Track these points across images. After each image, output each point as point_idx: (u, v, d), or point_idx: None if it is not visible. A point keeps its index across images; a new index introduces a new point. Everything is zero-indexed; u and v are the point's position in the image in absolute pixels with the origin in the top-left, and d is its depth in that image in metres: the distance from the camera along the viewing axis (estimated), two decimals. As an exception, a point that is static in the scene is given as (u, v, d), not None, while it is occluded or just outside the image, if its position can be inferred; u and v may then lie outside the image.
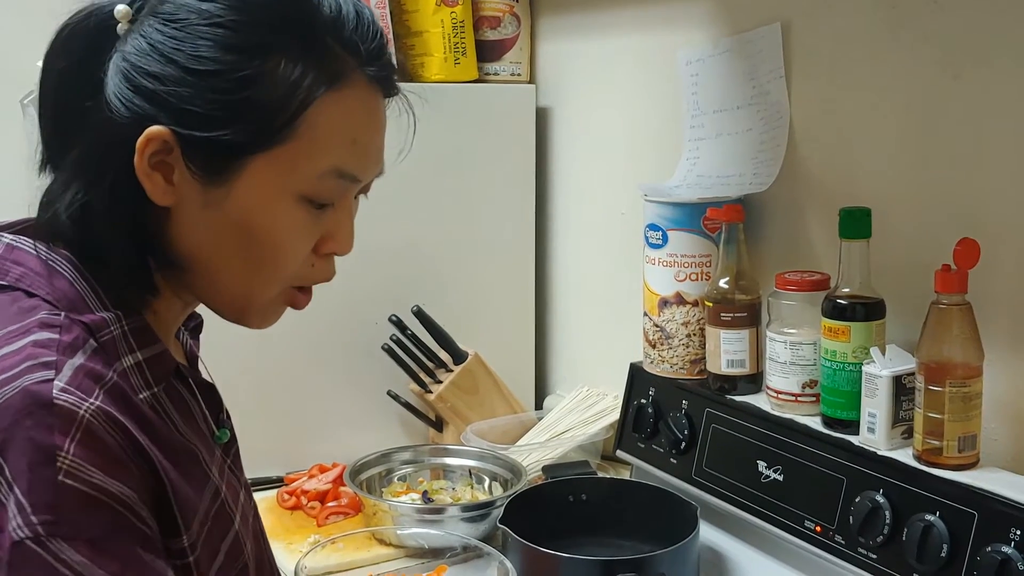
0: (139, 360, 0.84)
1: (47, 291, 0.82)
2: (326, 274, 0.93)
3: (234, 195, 0.84)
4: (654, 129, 1.69)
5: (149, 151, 0.82)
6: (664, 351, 1.50)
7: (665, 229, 1.47)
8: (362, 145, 0.89)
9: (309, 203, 0.87)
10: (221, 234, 0.86)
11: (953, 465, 1.13)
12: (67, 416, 0.74)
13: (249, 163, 0.83)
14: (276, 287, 0.90)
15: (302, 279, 0.91)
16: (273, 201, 0.85)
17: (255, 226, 0.85)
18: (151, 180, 0.83)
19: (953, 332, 1.13)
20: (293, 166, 0.84)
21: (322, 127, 0.84)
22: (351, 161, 0.88)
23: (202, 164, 0.83)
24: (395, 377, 1.79)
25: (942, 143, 1.24)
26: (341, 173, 0.87)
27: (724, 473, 1.38)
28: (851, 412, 1.23)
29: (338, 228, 0.90)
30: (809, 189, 1.42)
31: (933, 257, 1.15)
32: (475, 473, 1.67)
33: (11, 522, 0.71)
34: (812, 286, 1.31)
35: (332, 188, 0.87)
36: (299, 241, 0.88)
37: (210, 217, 0.85)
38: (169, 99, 0.81)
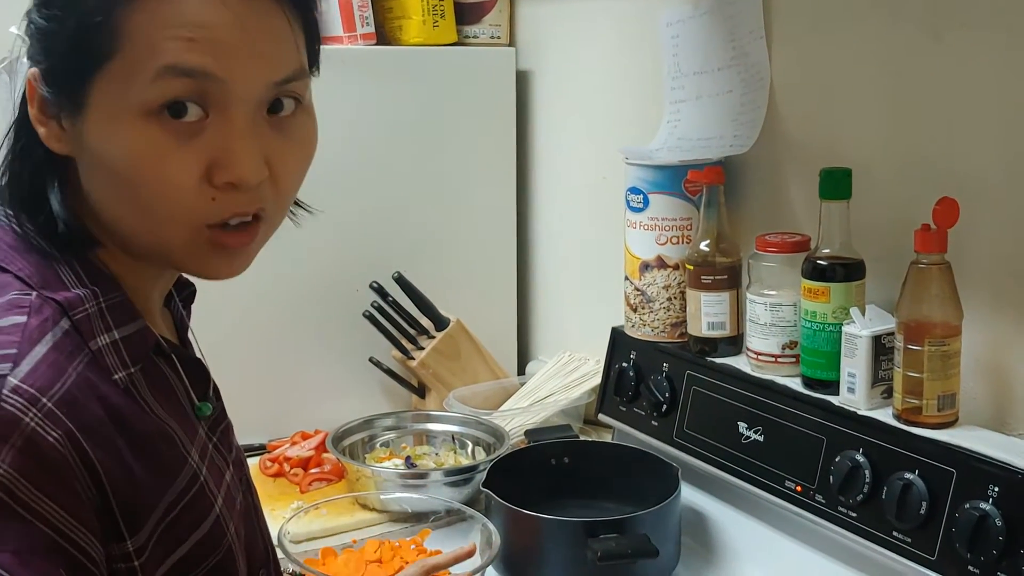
0: (115, 339, 0.80)
1: (19, 266, 0.78)
2: (235, 206, 0.79)
3: (89, 127, 0.77)
4: (635, 92, 1.68)
5: (35, 96, 0.79)
6: (645, 315, 1.50)
7: (646, 192, 1.46)
8: (205, 38, 0.76)
9: (164, 120, 0.76)
10: (94, 173, 0.80)
11: (932, 424, 1.14)
12: (10, 421, 0.69)
13: (92, 87, 0.76)
14: (180, 228, 0.79)
15: (209, 216, 0.79)
16: (118, 123, 0.76)
17: (110, 156, 0.77)
18: (44, 126, 0.79)
19: (932, 291, 1.13)
20: (127, 77, 0.75)
21: (146, 28, 0.75)
22: (191, 56, 0.75)
23: (57, 98, 0.78)
24: (377, 344, 1.79)
25: (922, 103, 1.24)
26: (180, 70, 0.75)
27: (705, 435, 1.39)
28: (831, 372, 1.24)
29: (225, 150, 0.77)
30: (789, 150, 1.41)
31: (913, 217, 1.15)
32: (458, 438, 1.67)
33: None
34: (792, 247, 1.31)
35: (178, 91, 0.75)
36: (169, 167, 0.76)
37: (88, 157, 0.79)
38: (29, 36, 0.79)
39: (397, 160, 1.82)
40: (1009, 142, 1.15)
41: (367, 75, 1.76)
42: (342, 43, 1.75)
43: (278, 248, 1.90)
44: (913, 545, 1.11)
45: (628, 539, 1.22)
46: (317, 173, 1.94)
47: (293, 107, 0.82)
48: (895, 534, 1.13)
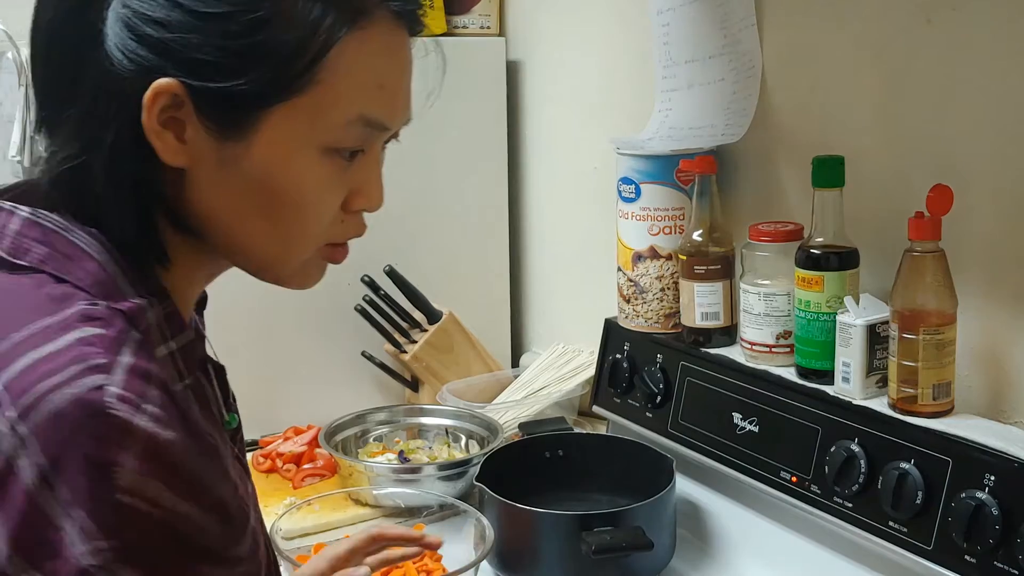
0: (173, 349, 0.78)
1: (78, 276, 0.75)
2: (358, 230, 0.86)
3: (253, 151, 0.77)
4: (626, 81, 1.67)
5: (158, 106, 0.75)
6: (638, 306, 1.49)
7: (638, 182, 1.45)
8: (390, 90, 0.81)
9: (335, 155, 0.80)
10: (242, 194, 0.79)
11: (928, 413, 1.13)
12: (123, 427, 0.67)
13: (268, 115, 0.76)
14: (308, 248, 0.83)
15: (333, 236, 0.84)
16: (295, 155, 0.78)
17: (277, 184, 0.79)
18: (161, 139, 0.76)
19: (927, 280, 1.12)
20: (316, 116, 0.77)
21: (345, 72, 0.77)
22: (378, 108, 0.80)
23: (216, 118, 0.76)
24: (369, 338, 1.78)
25: (915, 89, 1.23)
26: (368, 121, 0.80)
27: (700, 426, 1.38)
28: (825, 362, 1.23)
29: (367, 182, 0.83)
30: (782, 139, 1.40)
31: (906, 205, 1.14)
32: (451, 432, 1.66)
33: (73, 548, 0.65)
34: (785, 237, 1.30)
35: (358, 137, 0.81)
36: (327, 198, 0.81)
37: (228, 176, 0.78)
38: (176, 47, 0.74)
39: (387, 152, 1.80)
40: (1002, 128, 1.14)
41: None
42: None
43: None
44: (909, 535, 1.10)
45: (623, 532, 1.22)
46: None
47: None
48: (891, 524, 1.12)
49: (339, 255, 0.87)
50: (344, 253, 0.87)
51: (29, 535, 0.66)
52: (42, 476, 0.66)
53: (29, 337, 0.71)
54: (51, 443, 0.66)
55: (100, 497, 0.65)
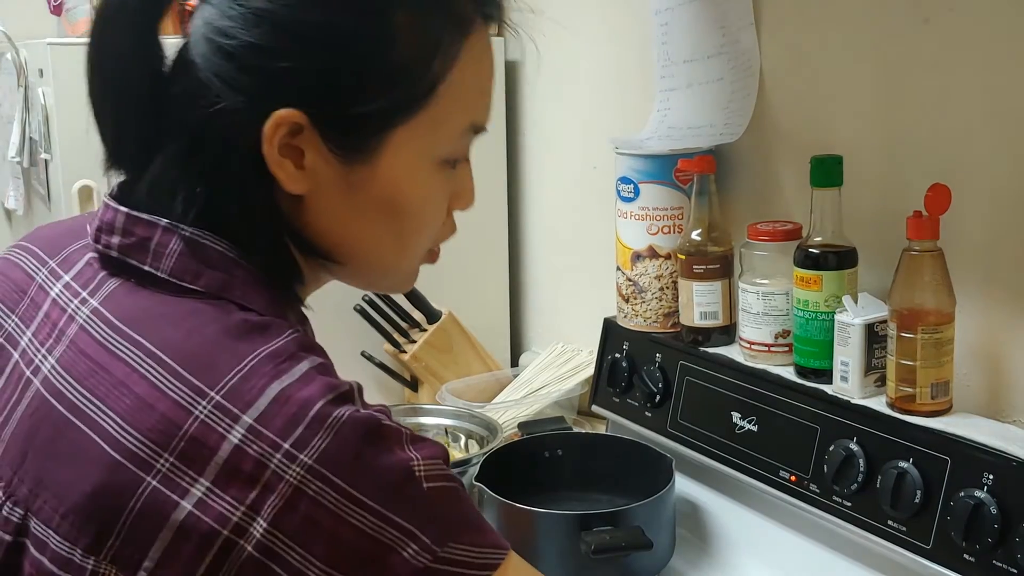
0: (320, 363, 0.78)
1: (260, 305, 0.74)
2: (454, 230, 0.88)
3: (379, 172, 0.76)
4: (624, 81, 1.67)
5: (279, 136, 0.73)
6: (637, 305, 1.49)
7: (637, 182, 1.46)
8: (488, 93, 0.83)
9: (448, 165, 0.81)
10: (368, 214, 0.78)
11: (926, 412, 1.13)
12: (396, 432, 0.70)
13: (392, 135, 0.76)
14: (422, 252, 0.86)
15: (439, 239, 0.87)
16: (419, 171, 0.78)
17: (404, 201, 0.79)
18: (283, 168, 0.74)
19: (925, 279, 1.12)
20: (435, 130, 0.77)
21: (459, 82, 0.77)
22: (482, 113, 0.82)
23: (340, 143, 0.75)
24: (369, 337, 1.78)
25: (912, 89, 1.23)
26: (476, 128, 0.81)
27: (699, 425, 1.38)
28: (824, 361, 1.23)
29: (465, 184, 0.85)
30: (780, 138, 1.40)
31: (904, 204, 1.14)
32: (451, 432, 1.66)
33: (404, 552, 0.66)
34: (784, 236, 1.31)
35: (469, 144, 0.82)
36: (441, 206, 0.83)
37: (354, 198, 0.77)
38: (294, 76, 0.72)
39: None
40: (1000, 127, 1.14)
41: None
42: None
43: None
44: (908, 534, 1.10)
45: (622, 531, 1.22)
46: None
47: None
48: (890, 523, 1.12)
49: (435, 256, 0.89)
50: (438, 254, 0.89)
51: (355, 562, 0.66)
52: (350, 499, 0.66)
53: (257, 367, 0.68)
54: (345, 468, 0.66)
55: (411, 496, 0.68)
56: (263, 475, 0.65)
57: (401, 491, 0.67)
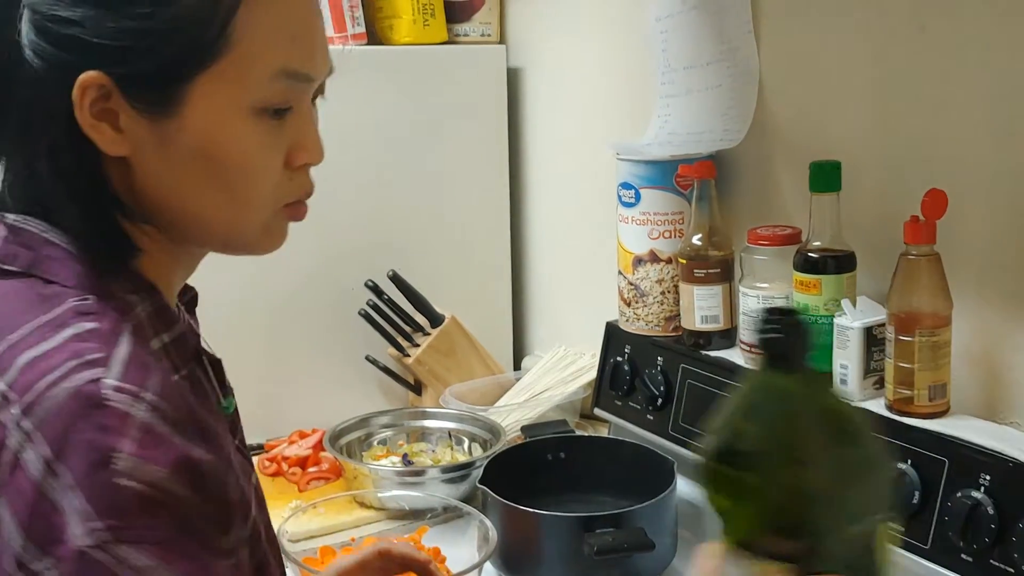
0: (166, 342, 0.80)
1: (66, 276, 0.78)
2: (307, 187, 0.87)
3: (187, 124, 0.79)
4: (625, 87, 1.69)
5: (88, 100, 0.77)
6: (639, 309, 1.51)
7: (638, 187, 1.47)
8: (304, 40, 0.82)
9: (266, 113, 0.81)
10: (187, 169, 0.80)
11: (924, 413, 1.15)
12: (120, 416, 0.69)
13: (193, 86, 0.78)
14: (263, 210, 0.84)
15: (286, 196, 0.85)
16: (228, 120, 0.80)
17: (217, 150, 0.80)
18: (98, 131, 0.78)
19: (922, 282, 1.14)
20: (239, 77, 0.79)
21: (257, 29, 0.79)
22: (298, 59, 0.81)
23: (145, 100, 0.78)
24: (373, 342, 1.80)
25: (909, 94, 1.24)
26: (290, 73, 0.81)
27: (700, 427, 1.39)
28: (824, 364, 1.24)
29: (304, 136, 0.84)
30: (779, 144, 1.42)
31: (902, 208, 1.16)
32: (454, 435, 1.68)
33: (72, 530, 0.67)
34: (783, 240, 1.32)
35: (285, 91, 0.81)
36: (267, 156, 0.82)
37: (170, 154, 0.80)
38: (91, 40, 0.76)
39: (390, 159, 1.82)
40: (996, 132, 1.16)
41: (359, 75, 1.76)
42: (333, 43, 1.74)
43: (273, 249, 1.87)
44: (906, 535, 1.12)
45: (624, 533, 1.23)
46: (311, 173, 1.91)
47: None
48: (889, 524, 1.13)
49: (300, 213, 0.88)
50: (304, 211, 0.88)
51: (39, 523, 0.68)
52: (47, 466, 0.68)
53: (26, 336, 0.73)
54: (54, 435, 0.69)
55: (100, 482, 0.68)
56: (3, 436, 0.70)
57: (91, 473, 0.68)
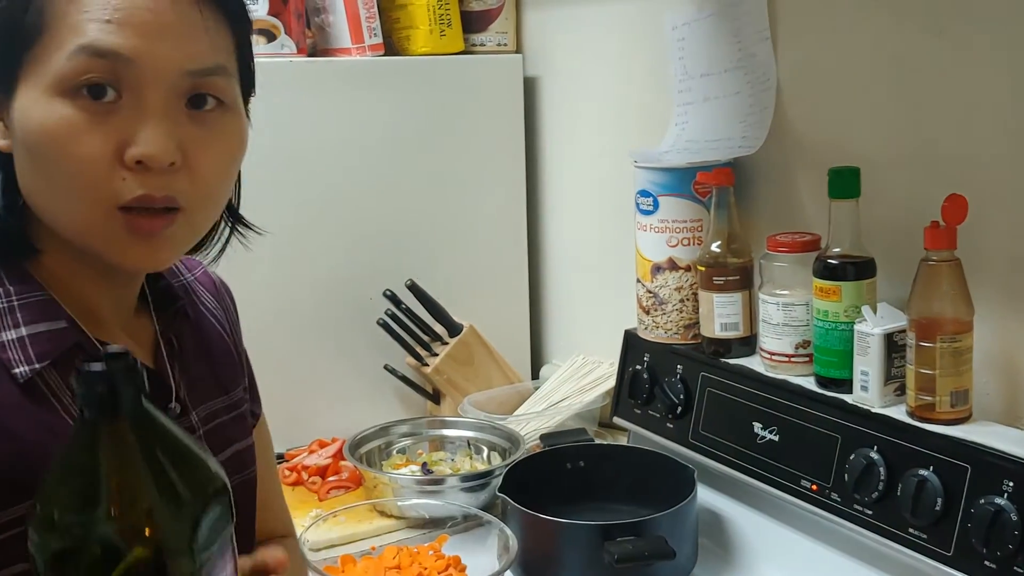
0: (23, 335, 0.83)
1: None
2: (144, 187, 0.80)
3: (16, 109, 0.81)
4: (643, 95, 1.69)
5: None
6: (658, 317, 1.50)
7: (656, 195, 1.47)
8: (120, 22, 0.79)
9: (78, 98, 0.79)
10: (22, 158, 0.83)
11: (946, 420, 1.14)
12: None
13: (20, 72, 0.80)
14: (91, 207, 0.81)
15: (118, 196, 0.80)
16: (39, 103, 0.79)
17: (31, 136, 0.80)
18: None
19: (943, 288, 1.13)
20: (48, 57, 0.79)
21: (69, 8, 0.79)
22: (106, 37, 0.78)
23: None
24: (391, 351, 1.80)
25: (928, 99, 1.24)
26: (94, 50, 0.78)
27: (720, 435, 1.39)
28: (844, 371, 1.24)
29: (135, 128, 0.79)
30: (798, 150, 1.42)
31: (922, 214, 1.15)
32: (473, 444, 1.68)
33: None
34: (803, 247, 1.32)
35: (92, 69, 0.78)
36: (81, 143, 0.79)
37: (16, 145, 0.83)
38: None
39: (408, 169, 1.83)
40: (1016, 136, 1.15)
41: (376, 86, 1.77)
42: (350, 54, 1.77)
43: (292, 259, 1.92)
44: (929, 541, 1.11)
45: (645, 541, 1.23)
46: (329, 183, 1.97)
47: (214, 104, 0.84)
48: (911, 531, 1.13)
49: (142, 223, 0.81)
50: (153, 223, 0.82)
51: None
52: None
53: None
54: None
55: None
56: None
57: None
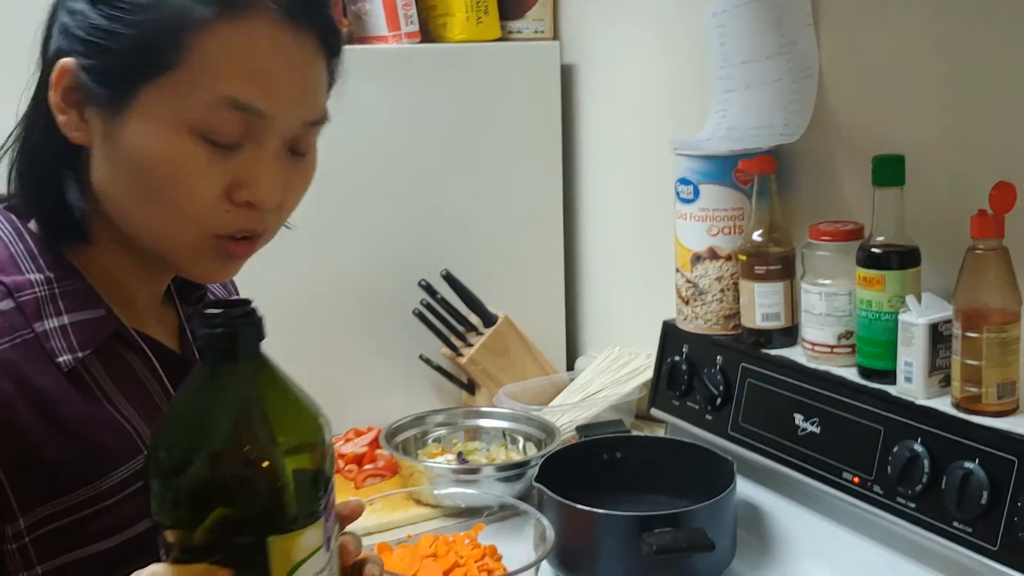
0: (65, 323, 0.84)
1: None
2: (247, 223, 0.86)
3: (128, 127, 0.83)
4: (682, 83, 1.67)
5: (62, 85, 0.83)
6: (697, 307, 1.49)
7: (696, 183, 1.45)
8: (263, 78, 0.82)
9: (205, 139, 0.82)
10: (122, 170, 0.85)
11: (992, 412, 1.12)
12: None
13: (140, 93, 0.82)
14: (189, 231, 0.85)
15: (219, 226, 0.85)
16: (163, 133, 0.82)
17: (146, 159, 0.82)
18: (65, 115, 0.84)
19: (990, 277, 1.11)
20: (182, 95, 0.81)
21: (212, 56, 0.81)
22: (250, 92, 0.82)
23: (101, 95, 0.83)
24: (427, 341, 1.79)
25: (975, 85, 1.22)
26: (237, 104, 0.81)
27: (760, 427, 1.37)
28: (888, 362, 1.22)
29: (251, 173, 0.84)
30: (840, 138, 1.40)
31: (968, 202, 1.13)
32: (509, 434, 1.67)
33: None
34: (846, 236, 1.30)
35: (228, 121, 0.82)
36: (197, 180, 0.83)
37: (113, 152, 0.84)
38: (76, 31, 0.83)
39: (443, 157, 1.82)
40: (1067, 124, 1.13)
41: (412, 73, 1.76)
42: (387, 42, 1.76)
43: (328, 249, 1.91)
44: (974, 535, 1.09)
45: (684, 533, 1.21)
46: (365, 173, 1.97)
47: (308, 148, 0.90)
48: (955, 524, 1.11)
49: (235, 248, 0.87)
50: (243, 248, 0.87)
51: None
52: None
53: None
54: None
55: None
56: None
57: None
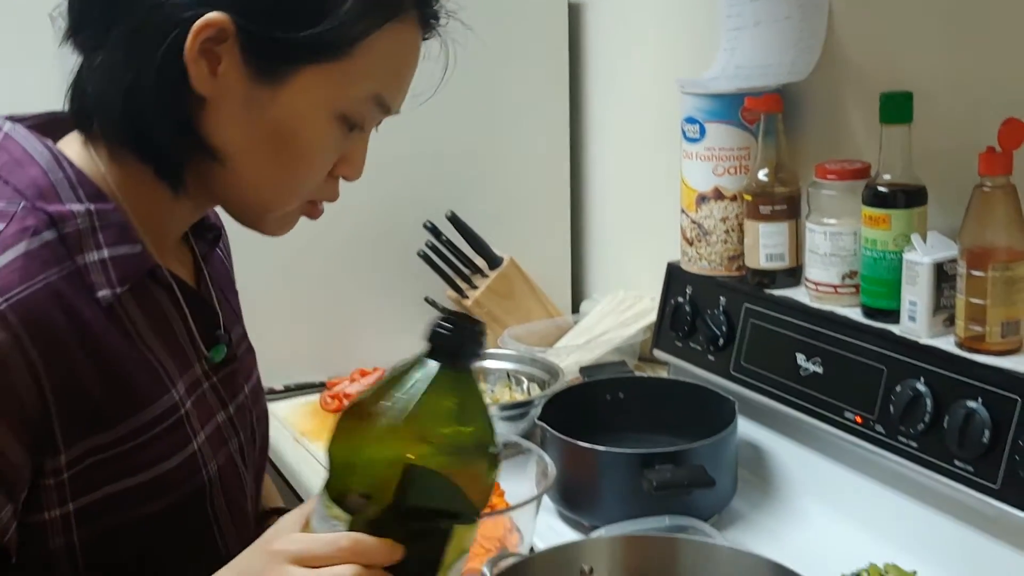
0: (105, 257, 0.84)
1: (19, 178, 0.83)
2: (333, 194, 0.95)
3: (280, 99, 0.85)
4: (689, 21, 1.65)
5: (203, 36, 0.81)
6: (702, 248, 1.48)
7: (702, 122, 1.44)
8: (404, 82, 0.92)
9: (344, 123, 0.88)
10: (257, 135, 0.86)
11: (996, 351, 1.11)
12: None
13: (302, 71, 0.84)
14: (297, 199, 0.92)
15: (315, 194, 0.93)
16: (316, 113, 0.86)
17: (293, 135, 0.86)
18: (197, 66, 0.83)
19: (997, 215, 1.10)
20: (342, 84, 0.86)
21: (377, 54, 0.86)
22: (390, 92, 0.90)
23: (256, 62, 0.83)
24: (432, 283, 1.79)
25: (985, 22, 1.20)
26: (380, 101, 0.89)
27: (763, 368, 1.37)
28: (892, 301, 1.22)
29: (355, 154, 0.92)
30: (849, 76, 1.38)
31: (976, 141, 1.12)
32: (513, 375, 1.67)
33: None
34: (853, 175, 1.29)
35: (369, 113, 0.89)
36: (326, 158, 0.90)
37: (250, 116, 0.85)
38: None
39: (448, 98, 1.79)
40: (1079, 60, 1.11)
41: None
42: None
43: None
44: (975, 474, 1.09)
45: (684, 469, 1.22)
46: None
47: None
48: (957, 463, 1.11)
49: (316, 212, 0.96)
50: (320, 211, 0.96)
51: None
52: None
53: None
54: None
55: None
56: None
57: None
